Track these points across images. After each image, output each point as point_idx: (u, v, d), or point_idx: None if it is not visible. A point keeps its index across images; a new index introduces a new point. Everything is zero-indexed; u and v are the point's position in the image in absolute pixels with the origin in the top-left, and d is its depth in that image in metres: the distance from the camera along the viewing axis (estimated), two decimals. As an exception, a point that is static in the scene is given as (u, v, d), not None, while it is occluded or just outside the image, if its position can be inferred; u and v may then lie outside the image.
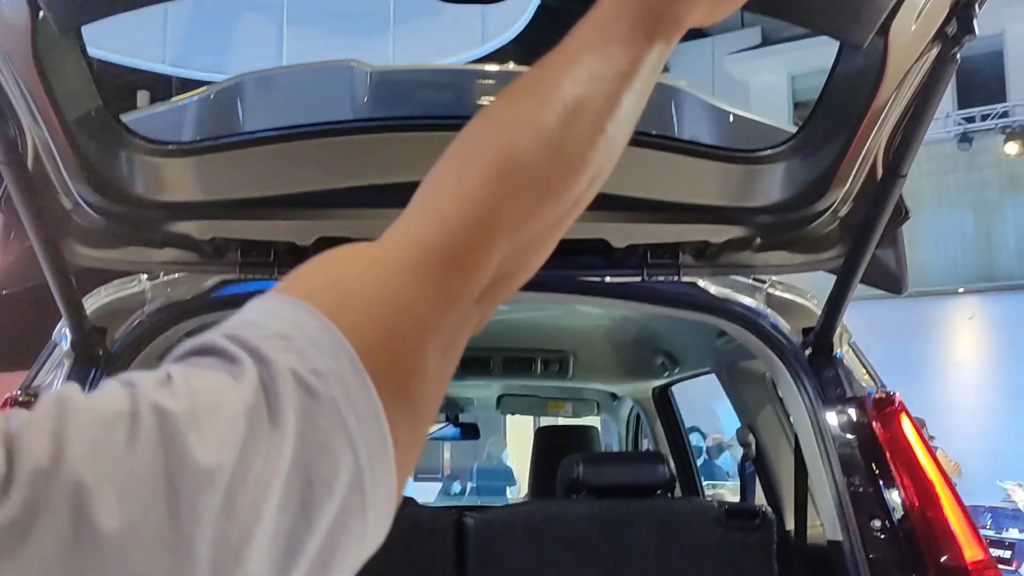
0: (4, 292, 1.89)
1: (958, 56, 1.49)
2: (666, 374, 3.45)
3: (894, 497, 1.80)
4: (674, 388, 3.66)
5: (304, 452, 0.45)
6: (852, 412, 1.92)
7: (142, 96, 13.65)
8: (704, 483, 3.94)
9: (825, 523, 1.91)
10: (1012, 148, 14.77)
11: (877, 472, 1.84)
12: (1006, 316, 15.90)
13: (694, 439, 6.81)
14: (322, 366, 0.47)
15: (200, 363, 0.47)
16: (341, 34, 10.24)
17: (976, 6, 1.43)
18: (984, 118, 15.28)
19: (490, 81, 2.01)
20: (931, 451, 1.85)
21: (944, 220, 16.50)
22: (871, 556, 1.74)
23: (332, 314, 0.50)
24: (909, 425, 1.88)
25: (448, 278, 0.56)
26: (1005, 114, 15.14)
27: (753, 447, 2.53)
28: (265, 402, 0.45)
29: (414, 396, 0.52)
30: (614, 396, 4.16)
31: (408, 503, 3.01)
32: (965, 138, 15.37)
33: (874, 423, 1.89)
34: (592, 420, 4.53)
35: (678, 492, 2.94)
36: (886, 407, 1.90)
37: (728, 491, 4.79)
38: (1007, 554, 7.24)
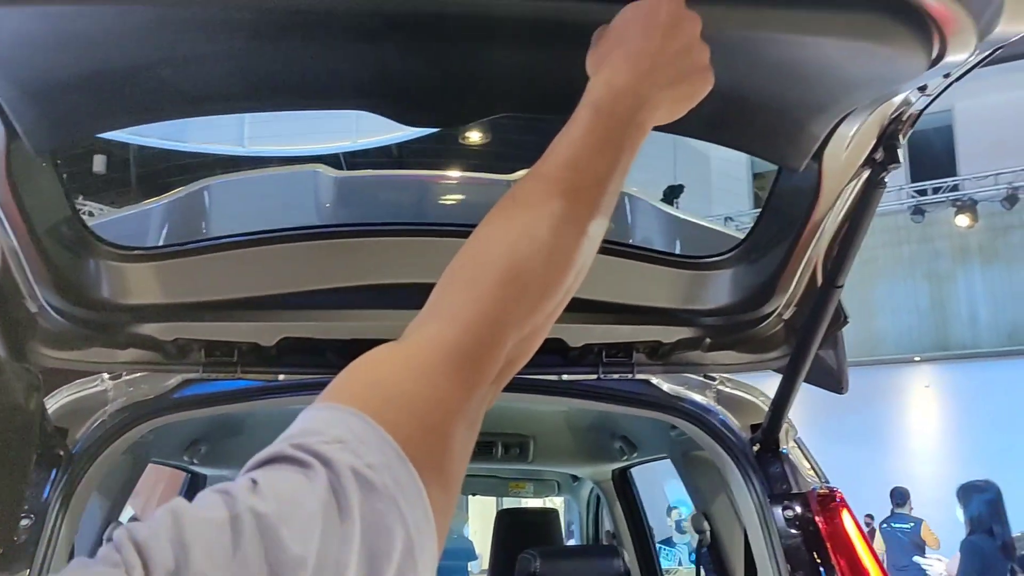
0: None
1: (886, 180, 1.61)
2: (624, 458, 3.51)
3: None
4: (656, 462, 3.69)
5: (368, 533, 0.56)
6: (797, 507, 1.99)
7: (99, 160, 13.63)
8: (664, 566, 3.97)
9: None
10: (962, 220, 15.18)
11: (820, 564, 1.90)
12: (961, 385, 16.20)
13: (685, 511, 6.78)
14: (374, 460, 0.59)
15: (278, 469, 0.57)
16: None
17: (900, 137, 1.55)
18: (936, 191, 15.72)
19: (448, 187, 2.10)
20: (869, 544, 1.93)
21: (899, 290, 16.88)
22: None
23: (376, 415, 0.61)
24: (850, 520, 1.95)
25: (470, 371, 0.69)
26: (955, 187, 15.60)
27: (708, 533, 2.58)
28: (335, 497, 0.56)
29: (447, 471, 0.64)
30: (575, 477, 4.19)
31: None
32: (918, 210, 15.79)
33: (817, 518, 1.96)
34: (554, 501, 4.55)
35: None
36: (829, 503, 1.98)
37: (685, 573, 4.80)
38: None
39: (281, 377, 2.06)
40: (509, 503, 4.98)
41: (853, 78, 1.31)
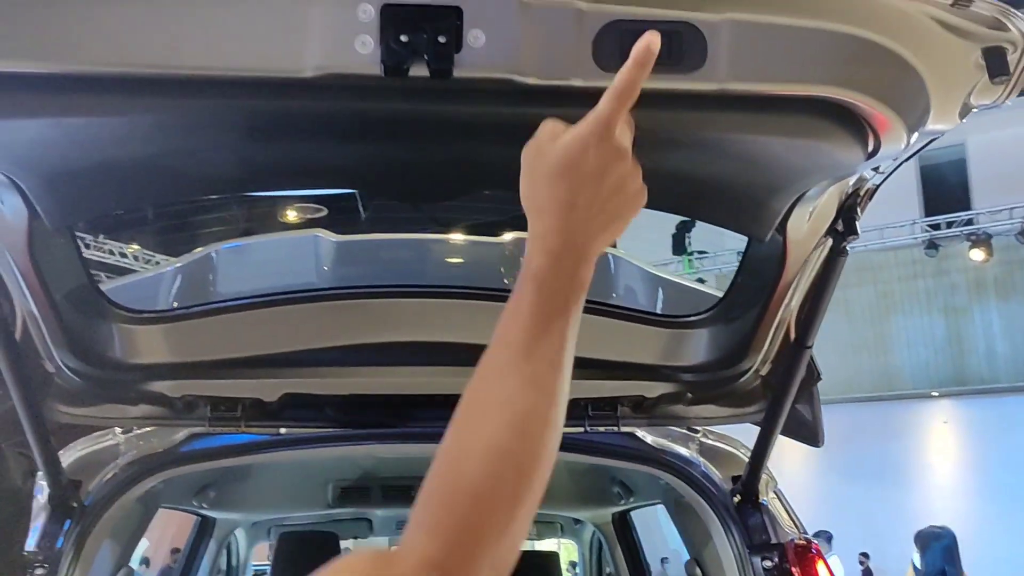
0: None
1: (847, 248, 1.71)
2: (622, 502, 3.58)
3: None
4: None
5: None
6: (775, 558, 2.07)
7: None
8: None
9: None
10: (977, 255, 15.10)
11: None
12: (978, 420, 16.07)
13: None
14: None
15: None
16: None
17: (858, 210, 1.66)
18: (950, 225, 15.69)
19: (440, 249, 2.22)
20: (845, 597, 2.00)
21: (915, 324, 16.82)
22: None
23: None
24: (825, 571, 2.03)
25: None
26: (969, 221, 15.55)
27: None
28: None
29: None
30: (576, 520, 4.26)
31: None
32: (932, 245, 15.71)
33: (794, 569, 2.04)
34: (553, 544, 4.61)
35: None
36: (805, 554, 2.06)
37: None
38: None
39: (283, 431, 2.17)
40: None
41: (800, 167, 1.45)
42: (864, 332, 16.94)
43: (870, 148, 1.36)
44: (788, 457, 17.58)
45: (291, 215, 12.34)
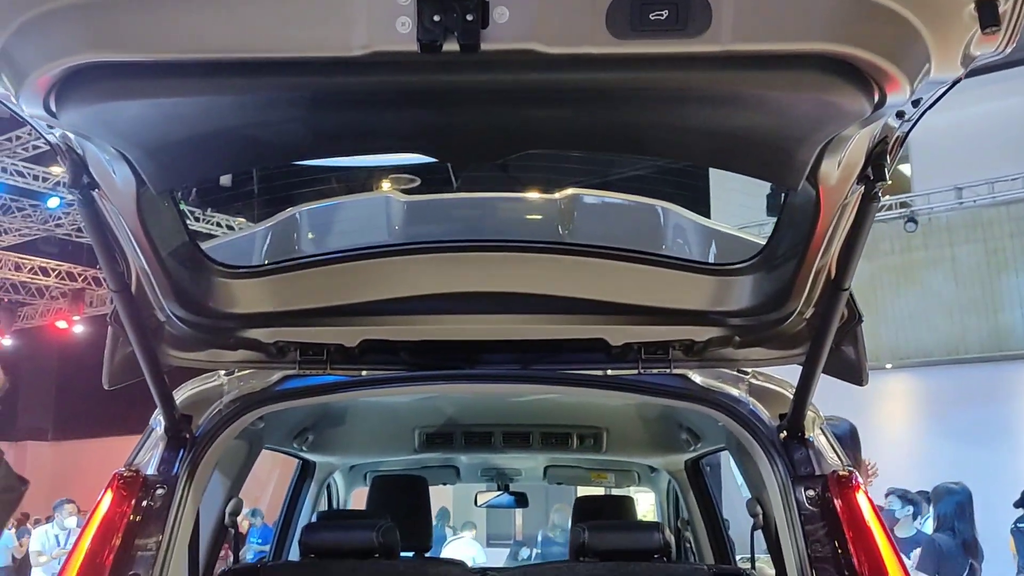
0: (108, 388, 2.34)
1: (879, 195, 1.83)
2: (691, 448, 3.73)
3: (847, 559, 2.08)
4: None
5: None
6: (817, 488, 2.21)
7: (224, 176, 14.60)
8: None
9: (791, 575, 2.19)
10: (1094, 208, 14.38)
11: (835, 539, 2.12)
12: (1095, 380, 15.41)
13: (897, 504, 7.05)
14: None
15: None
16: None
17: (888, 157, 1.78)
18: (1067, 176, 14.96)
19: (500, 206, 2.42)
20: (881, 521, 2.13)
21: (1030, 281, 16.17)
22: None
23: None
24: (864, 499, 2.16)
25: None
26: (1085, 173, 14.81)
27: (760, 516, 2.79)
28: None
29: None
30: (652, 468, 4.43)
31: (441, 562, 3.36)
32: (1045, 198, 14.99)
33: (835, 498, 2.17)
34: (635, 491, 4.79)
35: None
36: (845, 484, 2.19)
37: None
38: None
39: (364, 373, 2.42)
40: (585, 493, 5.23)
41: (810, 118, 1.60)
42: (972, 291, 16.38)
43: (875, 99, 1.49)
44: (894, 420, 17.26)
45: (385, 186, 12.72)
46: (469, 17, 1.36)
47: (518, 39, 1.39)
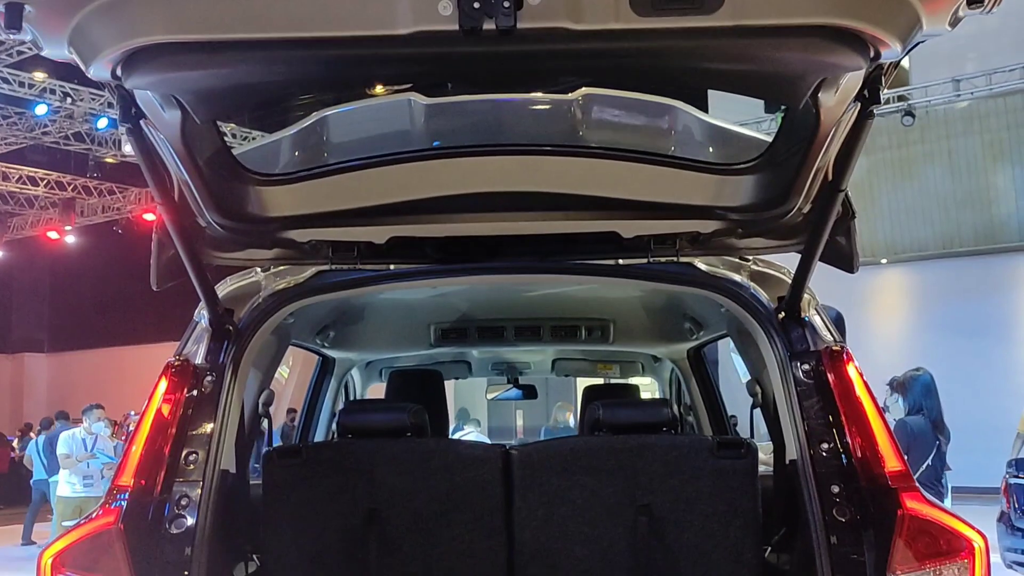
0: (156, 289, 2.52)
1: (874, 112, 1.98)
2: (694, 337, 3.95)
3: (838, 426, 2.30)
4: None
5: None
6: (812, 363, 2.41)
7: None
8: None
9: (788, 448, 2.42)
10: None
11: (828, 410, 2.33)
12: (1085, 271, 15.66)
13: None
14: None
15: None
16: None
17: (883, 79, 1.93)
18: (1064, 67, 14.86)
19: (518, 109, 2.54)
20: (870, 391, 2.34)
21: (1023, 175, 16.25)
22: (818, 471, 2.25)
23: None
24: (854, 370, 2.36)
25: None
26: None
27: (759, 396, 3.01)
28: None
29: None
30: (655, 358, 4.66)
31: (467, 443, 3.60)
32: (1043, 90, 14.92)
33: (827, 371, 2.38)
34: (639, 381, 5.04)
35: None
36: (838, 358, 2.39)
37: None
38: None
39: (392, 267, 2.59)
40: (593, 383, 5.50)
41: (816, 70, 1.84)
42: (968, 184, 16.47)
43: (871, 55, 1.73)
44: (889, 314, 17.54)
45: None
46: (505, 3, 1.54)
47: (549, 18, 1.59)
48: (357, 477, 2.65)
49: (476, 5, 1.54)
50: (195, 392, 2.40)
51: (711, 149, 2.59)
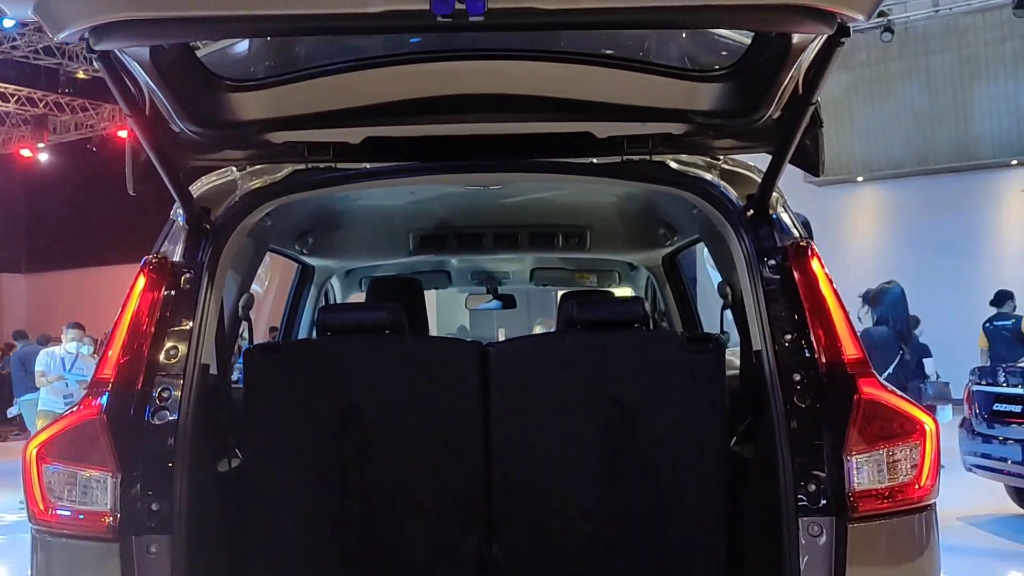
0: (133, 194, 2.52)
1: (843, 42, 2.01)
2: (668, 243, 4.01)
3: (801, 318, 2.38)
4: None
5: None
6: (777, 258, 2.47)
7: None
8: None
9: (754, 341, 2.50)
10: (1071, 14, 14.26)
11: (791, 301, 2.41)
12: (1058, 187, 15.82)
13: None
14: None
15: None
16: None
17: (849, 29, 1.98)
18: (1044, -19, 14.70)
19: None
20: (832, 285, 2.41)
21: (1000, 92, 16.23)
22: (780, 360, 2.33)
23: None
24: (817, 265, 2.43)
25: None
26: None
27: (730, 296, 3.08)
28: None
29: None
30: (632, 266, 4.73)
31: (444, 340, 3.67)
32: (1022, 4, 14.83)
33: (792, 266, 2.44)
34: (616, 291, 5.11)
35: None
36: (803, 253, 2.46)
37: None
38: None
39: (367, 165, 2.61)
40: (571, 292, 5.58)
41: (784, 28, 2.01)
42: (944, 101, 16.47)
43: (838, 22, 1.85)
44: (865, 231, 17.69)
45: None
46: None
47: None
48: (336, 373, 2.72)
49: None
50: (173, 290, 2.43)
51: (687, 54, 2.61)
